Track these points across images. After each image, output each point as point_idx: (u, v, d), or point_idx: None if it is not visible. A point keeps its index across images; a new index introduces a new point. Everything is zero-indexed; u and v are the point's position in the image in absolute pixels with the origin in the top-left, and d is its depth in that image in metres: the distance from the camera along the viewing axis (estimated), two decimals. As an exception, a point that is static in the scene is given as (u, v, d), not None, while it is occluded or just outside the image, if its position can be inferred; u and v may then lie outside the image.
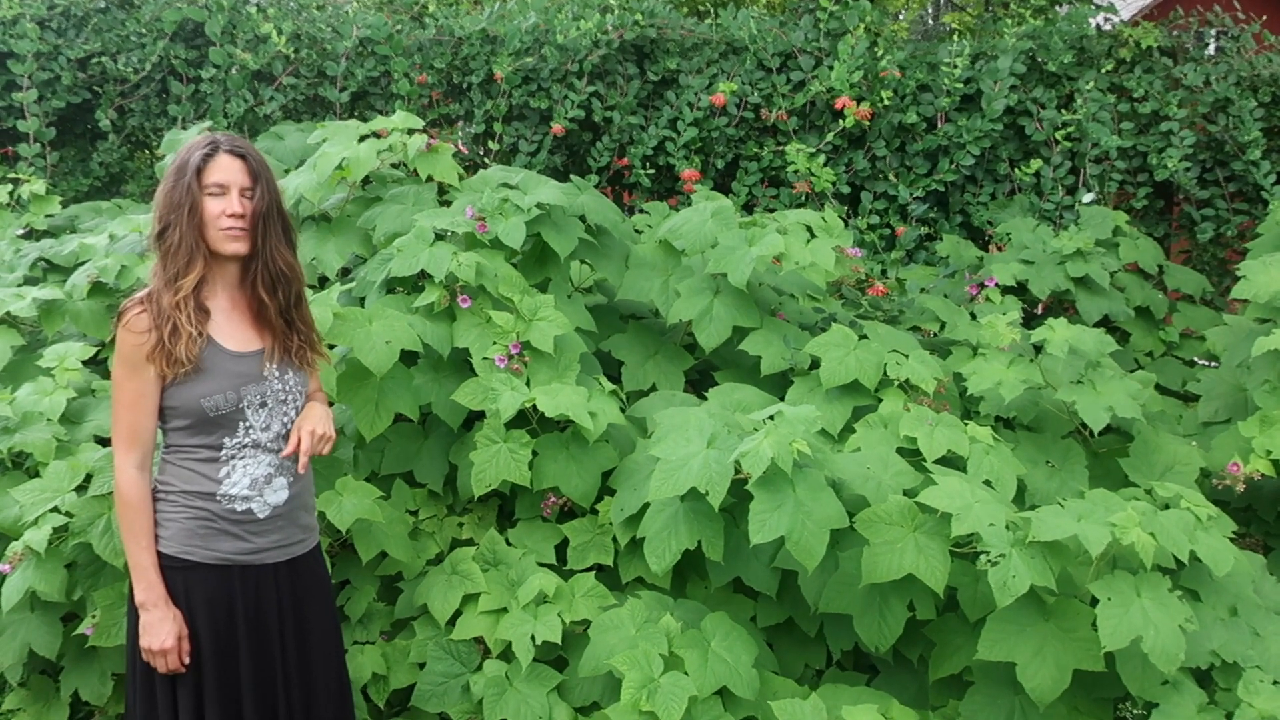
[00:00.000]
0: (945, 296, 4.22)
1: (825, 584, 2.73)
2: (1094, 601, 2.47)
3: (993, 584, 2.41)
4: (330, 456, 3.26)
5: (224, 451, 2.26)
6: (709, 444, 2.65)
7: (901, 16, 9.02)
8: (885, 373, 3.22)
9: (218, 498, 2.25)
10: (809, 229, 3.55)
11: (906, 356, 3.26)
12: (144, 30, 5.25)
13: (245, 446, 2.27)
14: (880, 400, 3.21)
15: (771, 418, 2.65)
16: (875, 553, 2.58)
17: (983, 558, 2.46)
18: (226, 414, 2.24)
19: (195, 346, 2.18)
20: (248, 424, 2.27)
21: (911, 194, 4.87)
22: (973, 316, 3.91)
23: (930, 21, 11.31)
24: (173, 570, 2.25)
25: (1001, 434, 3.28)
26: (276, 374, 2.31)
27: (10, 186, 4.78)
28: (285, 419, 2.33)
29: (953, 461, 2.97)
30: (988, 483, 2.89)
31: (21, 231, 4.47)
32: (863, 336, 3.34)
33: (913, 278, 4.68)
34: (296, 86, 5.17)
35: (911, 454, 2.99)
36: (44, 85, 5.23)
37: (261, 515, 2.29)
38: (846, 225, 4.52)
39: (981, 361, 3.26)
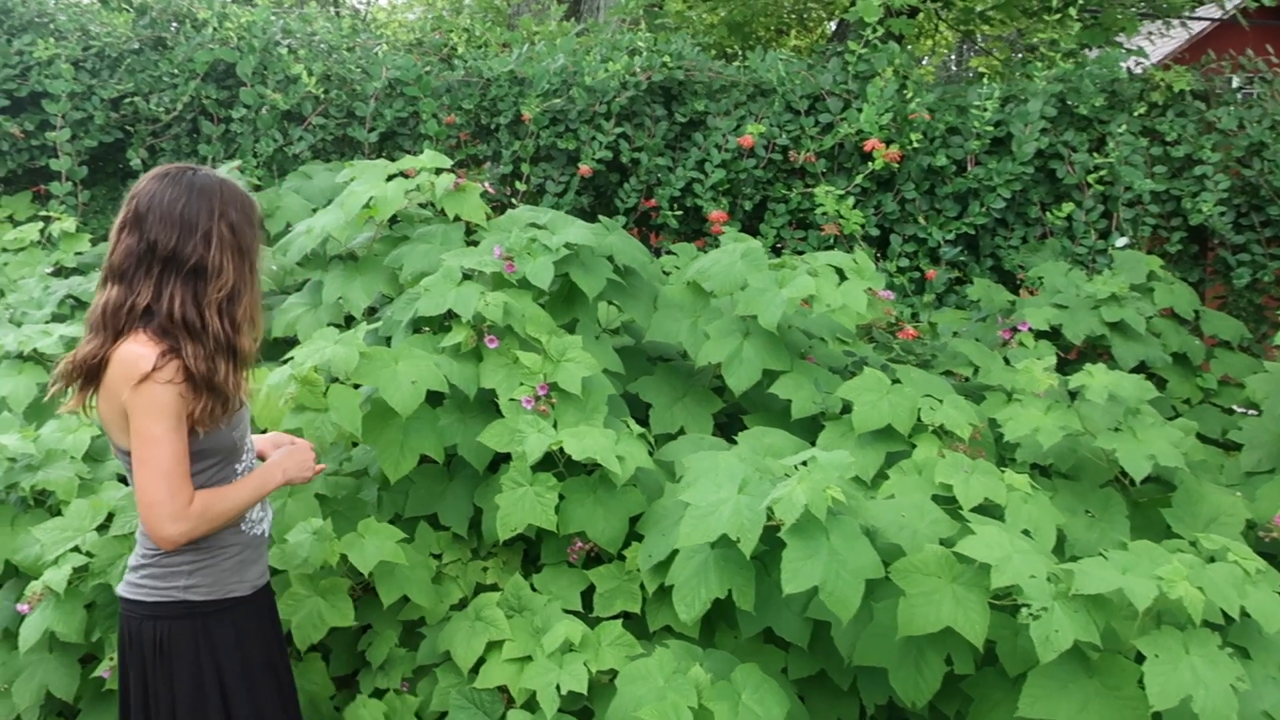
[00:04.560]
0: (976, 340, 4.15)
1: (859, 635, 2.65)
2: (1140, 658, 2.38)
3: (1035, 639, 2.32)
4: (354, 497, 3.22)
5: (236, 479, 2.26)
6: (740, 489, 2.58)
7: (926, 61, 9.03)
8: (919, 418, 3.15)
9: (242, 527, 2.26)
10: (839, 271, 3.50)
11: (940, 401, 3.19)
12: (176, 71, 5.31)
13: (248, 468, 2.30)
14: (914, 446, 3.14)
15: (804, 463, 2.59)
16: (912, 604, 2.50)
17: (1024, 611, 2.37)
18: (241, 438, 2.27)
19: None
20: (248, 447, 2.31)
21: (943, 236, 4.81)
22: (1006, 361, 3.84)
23: (953, 66, 11.33)
24: (219, 614, 2.21)
25: (1038, 482, 3.20)
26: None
27: (41, 224, 4.82)
28: (248, 426, 2.37)
29: (989, 510, 2.89)
30: (1026, 532, 2.80)
31: (51, 269, 4.50)
32: (895, 381, 3.27)
33: (944, 321, 4.63)
34: (325, 127, 5.20)
35: (946, 501, 2.92)
36: (77, 125, 5.28)
37: (269, 533, 2.38)
38: (876, 268, 4.47)
39: (1018, 407, 3.19)
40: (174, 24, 5.59)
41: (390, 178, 3.58)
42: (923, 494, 2.90)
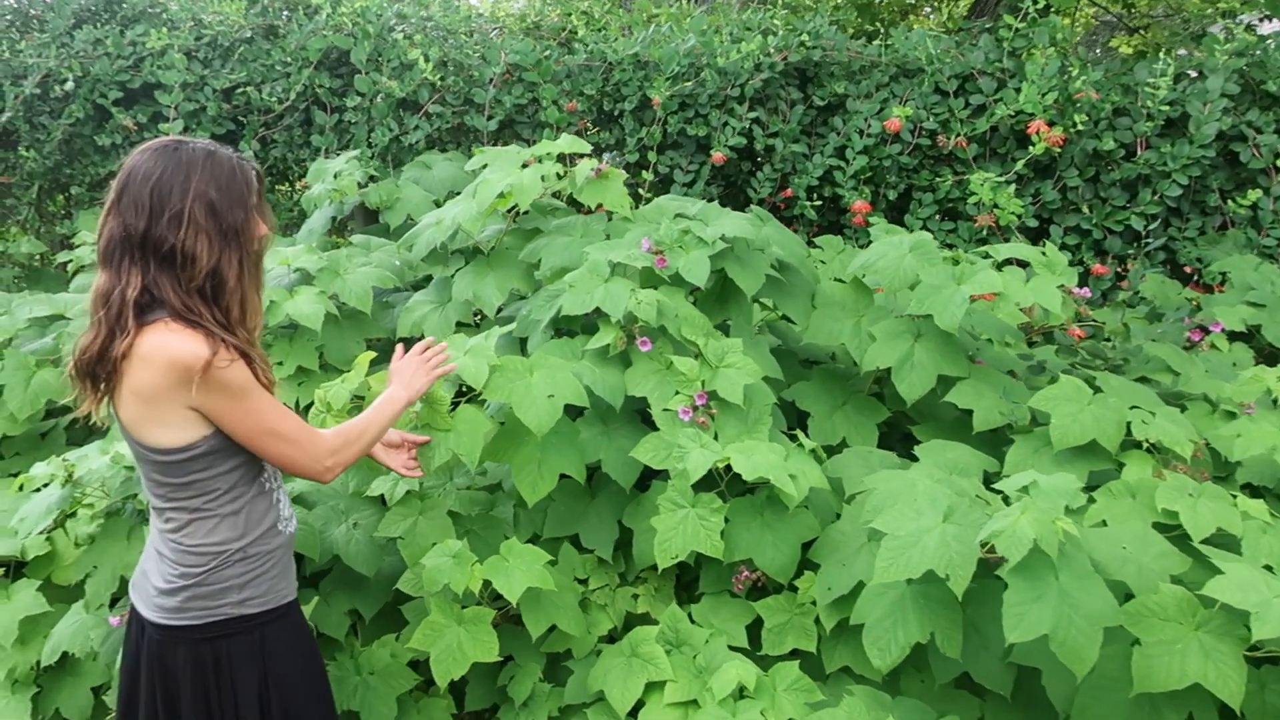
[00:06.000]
0: (1153, 341, 3.73)
1: (1077, 686, 2.28)
2: None
3: (1312, 703, 1.94)
4: (488, 515, 2.95)
5: (264, 475, 2.04)
6: (945, 518, 2.23)
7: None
8: (1127, 432, 2.76)
9: (279, 526, 2.06)
10: (1023, 265, 3.12)
11: (1153, 414, 2.79)
12: (289, 59, 5.13)
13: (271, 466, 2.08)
14: (1122, 465, 2.75)
15: (1024, 489, 2.23)
16: (1150, 655, 2.13)
17: (1296, 669, 1.99)
18: None
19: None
20: None
21: (1146, 225, 4.35)
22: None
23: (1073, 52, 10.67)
24: (275, 622, 2.03)
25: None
26: None
27: (154, 218, 4.66)
28: None
29: (1218, 541, 2.49)
30: (1269, 568, 2.40)
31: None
32: (1097, 390, 2.89)
33: (1111, 320, 4.20)
34: (442, 115, 4.96)
35: (1164, 529, 2.53)
36: (190, 116, 5.14)
37: (295, 530, 2.17)
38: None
39: (1247, 422, 2.77)
40: (286, 12, 5.42)
41: (525, 165, 3.30)
42: (1142, 521, 2.52)
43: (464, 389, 2.78)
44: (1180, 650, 2.13)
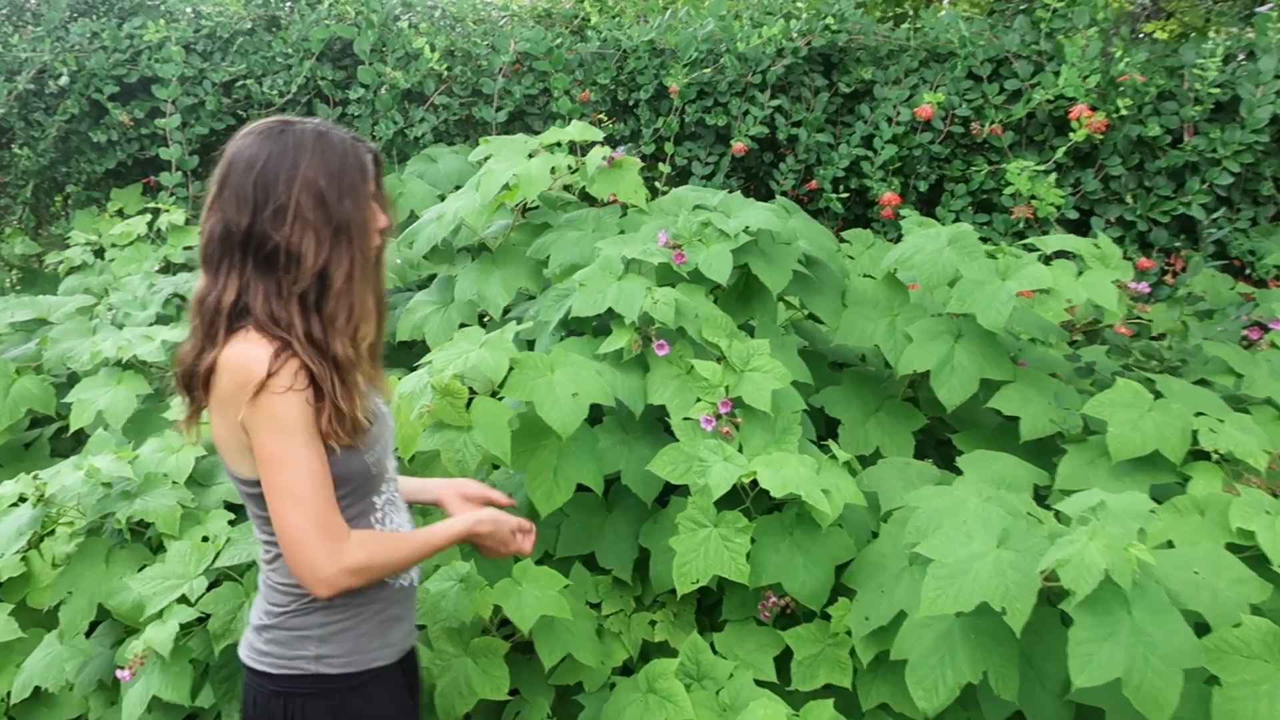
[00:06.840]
0: (1206, 339, 3.46)
1: (1147, 729, 2.04)
2: None
3: None
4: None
5: (375, 514, 1.75)
6: (1000, 543, 1.99)
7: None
8: (1193, 442, 2.51)
9: (387, 578, 1.76)
10: (1073, 258, 2.88)
11: (1221, 421, 2.53)
12: (290, 50, 4.93)
13: (389, 501, 1.78)
14: (1187, 478, 2.50)
15: (1090, 509, 1.99)
16: (1233, 697, 1.90)
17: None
18: (378, 462, 1.75)
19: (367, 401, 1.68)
20: (388, 475, 1.80)
21: (1207, 216, 4.08)
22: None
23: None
24: (360, 689, 1.73)
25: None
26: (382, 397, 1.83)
27: (150, 217, 4.48)
28: (392, 449, 1.85)
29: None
30: (1356, 596, 2.16)
31: (158, 266, 4.13)
32: (1157, 394, 2.63)
33: (1161, 317, 3.93)
34: (449, 106, 4.74)
35: (1236, 550, 2.28)
36: (188, 110, 4.94)
37: (418, 581, 1.87)
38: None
39: (1327, 429, 2.52)
40: (287, 1, 5.21)
41: (532, 154, 3.07)
42: (1214, 542, 2.27)
43: (474, 392, 2.57)
44: (1267, 692, 1.90)
